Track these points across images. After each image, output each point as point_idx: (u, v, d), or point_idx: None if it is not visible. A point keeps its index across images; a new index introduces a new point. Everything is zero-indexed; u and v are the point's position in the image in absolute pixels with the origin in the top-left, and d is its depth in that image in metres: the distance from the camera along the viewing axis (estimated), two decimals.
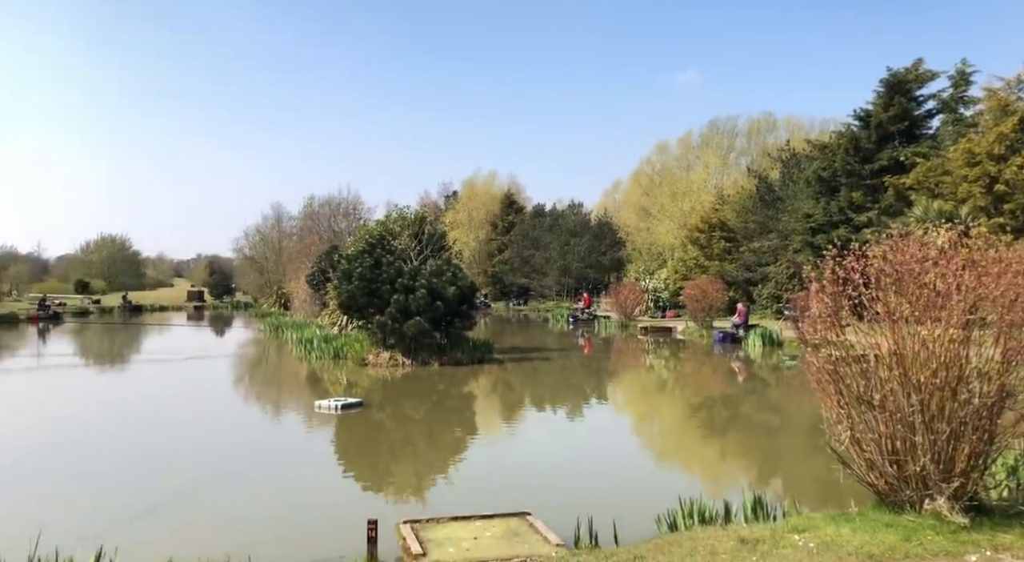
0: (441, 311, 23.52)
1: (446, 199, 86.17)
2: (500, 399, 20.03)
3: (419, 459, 12.80)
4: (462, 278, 25.54)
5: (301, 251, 50.54)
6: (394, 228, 26.95)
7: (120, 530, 7.80)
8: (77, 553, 6.49)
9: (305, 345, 28.74)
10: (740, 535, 6.34)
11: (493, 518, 7.25)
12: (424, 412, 17.40)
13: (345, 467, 12.11)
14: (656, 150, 65.81)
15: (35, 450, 12.63)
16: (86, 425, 15.31)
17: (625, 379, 25.07)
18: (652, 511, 7.91)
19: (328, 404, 15.91)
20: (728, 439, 14.69)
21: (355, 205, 60.89)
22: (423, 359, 23.49)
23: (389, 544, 6.84)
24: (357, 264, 24.53)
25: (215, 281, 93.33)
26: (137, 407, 17.99)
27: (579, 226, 67.99)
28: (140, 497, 9.43)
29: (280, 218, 70.22)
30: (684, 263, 49.57)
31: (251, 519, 8.76)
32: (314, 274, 39.44)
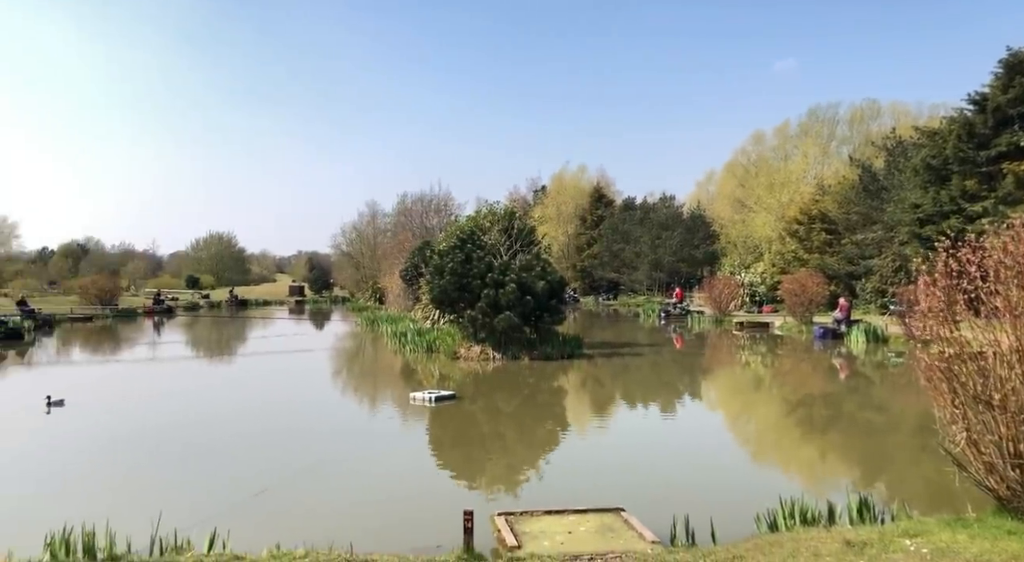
0: (530, 306, 23.61)
1: (535, 194, 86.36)
2: (590, 394, 19.95)
3: (510, 452, 12.90)
4: (551, 273, 25.55)
5: (395, 247, 51.76)
6: (484, 223, 27.21)
7: (230, 514, 8.20)
8: (193, 535, 6.87)
9: (399, 338, 29.43)
10: (845, 537, 6.08)
11: (587, 513, 7.23)
12: (515, 406, 17.52)
13: (438, 458, 12.33)
14: (751, 140, 63.79)
15: (152, 437, 13.45)
16: (197, 413, 16.18)
17: (719, 376, 24.50)
18: (749, 510, 7.70)
19: (422, 396, 16.25)
20: (829, 438, 14.13)
21: (446, 201, 61.92)
22: (513, 353, 23.65)
23: (483, 535, 6.92)
24: (448, 259, 24.91)
25: (314, 276, 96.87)
26: (243, 397, 18.89)
27: (671, 219, 66.79)
28: (247, 483, 9.88)
29: (375, 215, 72.26)
30: (782, 256, 47.92)
31: (350, 507, 9.04)
32: (407, 269, 40.30)
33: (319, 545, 6.46)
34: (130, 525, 6.98)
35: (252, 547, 6.48)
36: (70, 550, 6.48)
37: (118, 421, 14.91)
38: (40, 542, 6.58)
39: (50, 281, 70.95)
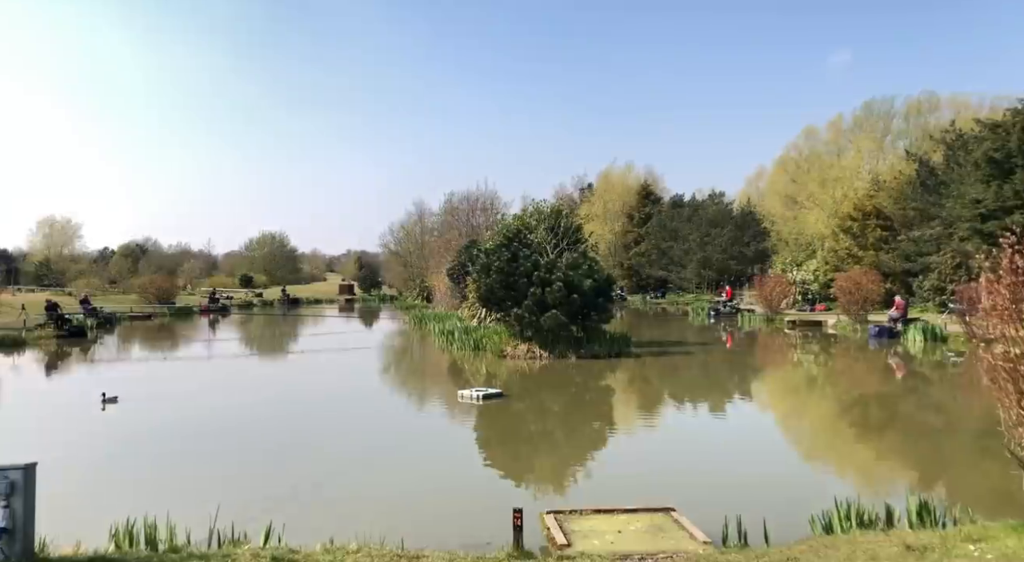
0: (577, 304, 23.52)
1: (581, 191, 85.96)
2: (638, 393, 19.79)
3: (558, 450, 12.89)
4: (598, 271, 25.42)
5: (442, 246, 52.12)
6: (530, 222, 27.21)
7: (284, 508, 8.38)
8: (249, 528, 7.04)
9: (447, 336, 29.63)
10: (905, 541, 5.91)
11: (637, 512, 7.18)
12: (562, 404, 17.49)
13: (486, 455, 12.38)
14: (803, 135, 62.36)
15: (208, 432, 13.81)
16: (251, 409, 16.55)
17: (771, 375, 24.07)
18: (803, 511, 7.55)
19: (470, 394, 16.34)
20: (885, 439, 13.76)
21: (492, 200, 62.01)
22: (560, 352, 23.59)
23: (533, 533, 6.93)
24: (495, 258, 24.97)
25: (364, 275, 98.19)
26: (295, 394, 19.25)
27: (720, 216, 65.81)
28: (300, 478, 10.08)
29: (422, 214, 72.81)
30: (835, 253, 46.81)
31: (400, 502, 9.15)
32: (454, 268, 40.53)
33: (371, 539, 6.56)
34: (189, 518, 7.18)
35: (306, 540, 6.61)
36: (133, 541, 6.70)
37: (173, 416, 15.34)
38: (105, 533, 6.81)
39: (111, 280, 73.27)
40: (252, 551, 6.02)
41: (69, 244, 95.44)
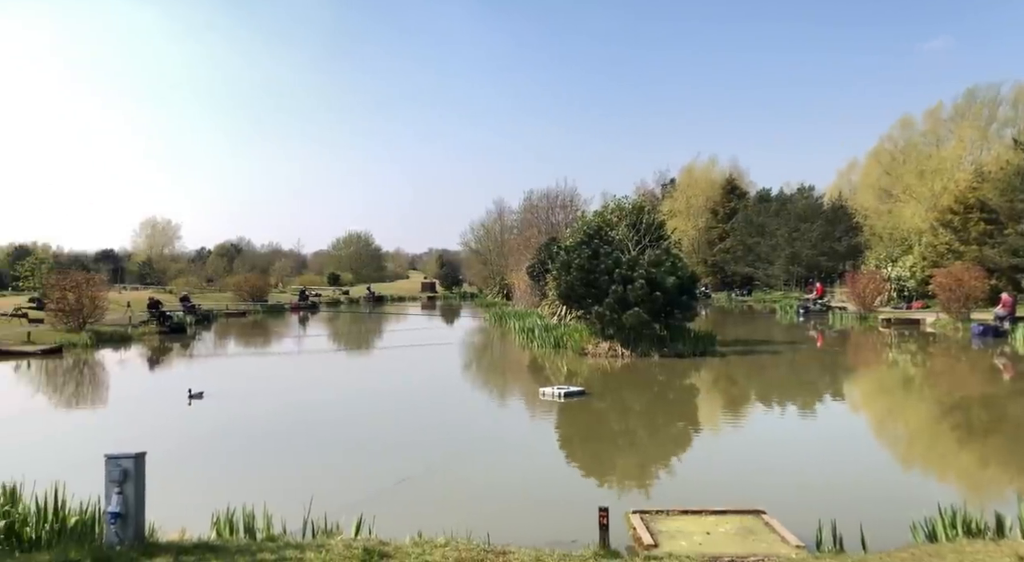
0: (660, 302, 23.19)
1: (663, 187, 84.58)
2: (723, 393, 19.37)
3: (641, 450, 12.76)
4: (681, 268, 24.99)
5: (521, 243, 52.27)
6: (611, 218, 27.02)
7: (373, 501, 8.59)
8: (341, 520, 7.26)
9: (527, 334, 29.73)
10: (1018, 553, 5.58)
11: (726, 514, 7.04)
12: (645, 403, 17.29)
13: (568, 454, 12.37)
14: (899, 125, 59.52)
15: (299, 426, 14.31)
16: (340, 404, 17.06)
17: (865, 375, 23.12)
18: (902, 517, 7.22)
19: (552, 392, 16.35)
20: (991, 444, 13.01)
21: (572, 197, 61.75)
22: (642, 350, 23.32)
23: (617, 532, 6.88)
24: (575, 255, 24.88)
25: (445, 273, 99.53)
26: (380, 390, 19.72)
27: (809, 211, 63.60)
28: (389, 472, 10.31)
29: (502, 212, 73.24)
30: (934, 249, 44.53)
31: (484, 498, 9.24)
32: (534, 266, 40.61)
33: (457, 534, 6.65)
34: (283, 508, 7.45)
35: (394, 533, 6.76)
36: (233, 529, 7.00)
37: (266, 410, 15.96)
38: (202, 520, 7.15)
39: (208, 279, 76.75)
40: (344, 542, 6.20)
41: (169, 244, 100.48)
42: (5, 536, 6.39)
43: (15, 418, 15.86)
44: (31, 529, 6.54)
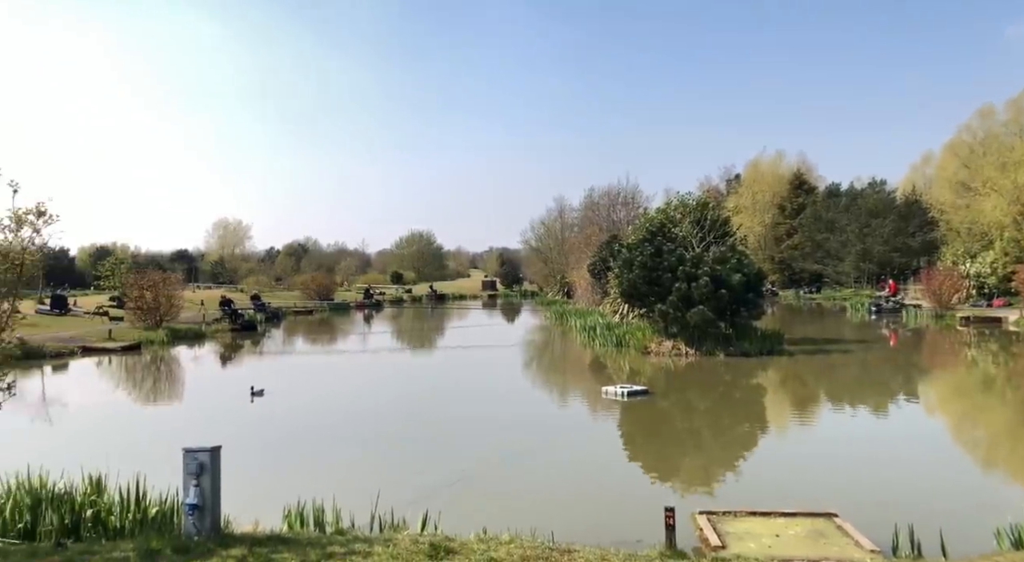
0: (725, 299, 22.78)
1: (728, 183, 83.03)
2: (791, 393, 18.90)
3: (706, 450, 12.56)
4: (747, 265, 24.49)
5: (582, 241, 52.07)
6: (675, 215, 26.69)
7: (437, 497, 8.70)
8: (407, 515, 7.38)
9: (588, 332, 29.59)
10: None
11: (796, 516, 6.87)
12: (710, 403, 17.02)
13: (632, 453, 12.27)
14: (979, 115, 56.86)
15: (366, 422, 14.58)
16: (404, 401, 17.31)
17: (941, 375, 22.23)
18: (985, 523, 6.93)
19: (614, 390, 16.24)
20: None
21: (634, 194, 61.24)
22: (707, 349, 22.95)
23: (683, 533, 6.79)
24: (637, 253, 24.65)
25: (505, 271, 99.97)
26: (442, 386, 19.93)
27: (881, 205, 61.50)
28: (452, 468, 10.42)
29: (562, 210, 73.16)
30: (1017, 243, 42.53)
31: (547, 495, 9.25)
32: (595, 263, 40.40)
33: (522, 531, 6.67)
34: (351, 502, 7.60)
35: (458, 529, 6.82)
36: (303, 522, 7.19)
37: (331, 407, 16.32)
38: (278, 514, 7.35)
39: (277, 278, 78.94)
40: (411, 537, 6.29)
41: (240, 244, 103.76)
42: (92, 524, 6.71)
43: (98, 411, 16.62)
44: (115, 518, 6.84)
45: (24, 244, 6.34)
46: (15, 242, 6.29)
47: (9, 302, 6.35)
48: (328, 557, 5.59)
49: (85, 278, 74.83)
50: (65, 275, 71.96)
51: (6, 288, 6.33)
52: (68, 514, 6.70)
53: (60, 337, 27.13)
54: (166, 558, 5.53)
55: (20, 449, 8.28)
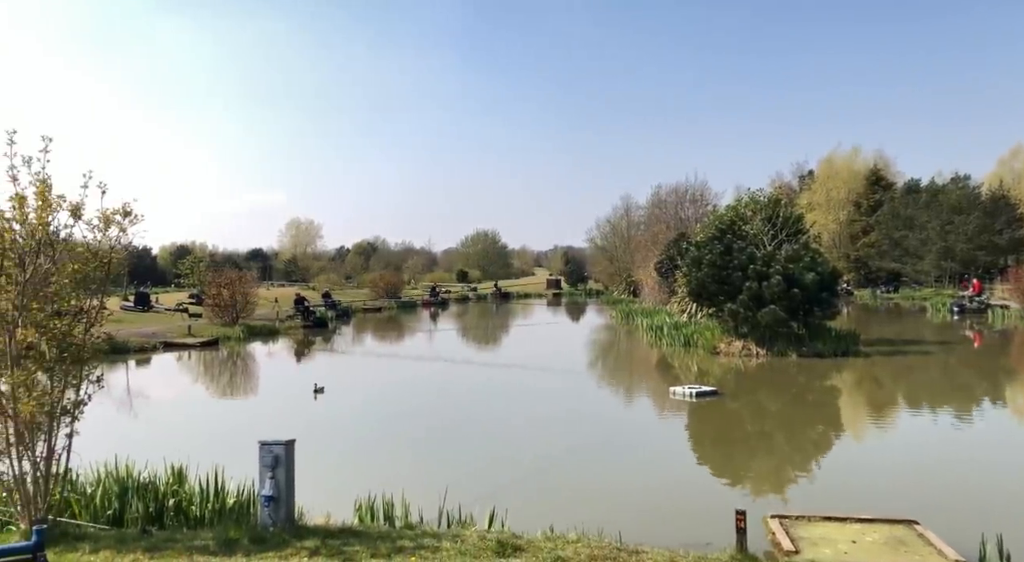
0: (798, 299, 22.17)
1: (801, 179, 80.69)
2: (867, 395, 18.27)
3: (778, 452, 12.27)
4: (821, 263, 23.79)
5: (649, 239, 51.45)
6: (745, 213, 26.11)
7: (504, 494, 8.73)
8: (475, 511, 7.44)
9: (655, 332, 29.24)
10: None
11: (874, 522, 6.64)
12: (782, 404, 16.61)
13: (701, 454, 12.08)
14: None
15: (433, 418, 14.77)
16: (471, 398, 17.46)
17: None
18: None
19: (683, 391, 16.01)
20: None
21: (702, 191, 60.17)
22: (779, 349, 22.38)
23: (754, 537, 6.64)
24: (706, 251, 24.23)
25: (570, 270, 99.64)
26: (507, 384, 20.00)
27: (965, 202, 58.75)
28: (518, 466, 10.47)
29: (628, 208, 72.46)
30: None
31: (613, 495, 9.18)
32: (662, 262, 39.88)
33: (589, 531, 6.64)
34: (419, 498, 7.71)
35: (524, 526, 6.84)
36: (374, 516, 7.34)
37: (400, 403, 16.57)
38: (347, 506, 7.51)
39: (347, 276, 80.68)
40: (479, 533, 6.34)
41: (312, 243, 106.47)
42: (174, 513, 7.00)
43: (178, 404, 17.32)
44: (196, 508, 7.12)
45: (111, 243, 6.61)
46: (103, 241, 6.57)
47: (98, 299, 6.65)
48: (398, 551, 5.68)
49: (166, 276, 78.04)
50: (148, 273, 75.19)
51: (95, 285, 6.62)
52: (152, 502, 7.01)
53: (143, 333, 28.34)
54: (243, 548, 5.72)
55: (107, 439, 8.70)
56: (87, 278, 6.51)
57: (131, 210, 6.61)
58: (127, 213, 6.59)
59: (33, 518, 5.98)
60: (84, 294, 6.56)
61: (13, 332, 6.05)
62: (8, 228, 6.15)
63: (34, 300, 6.18)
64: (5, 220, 6.15)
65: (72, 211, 6.40)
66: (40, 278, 6.24)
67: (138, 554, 5.55)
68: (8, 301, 6.03)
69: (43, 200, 6.25)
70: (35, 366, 6.17)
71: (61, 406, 6.27)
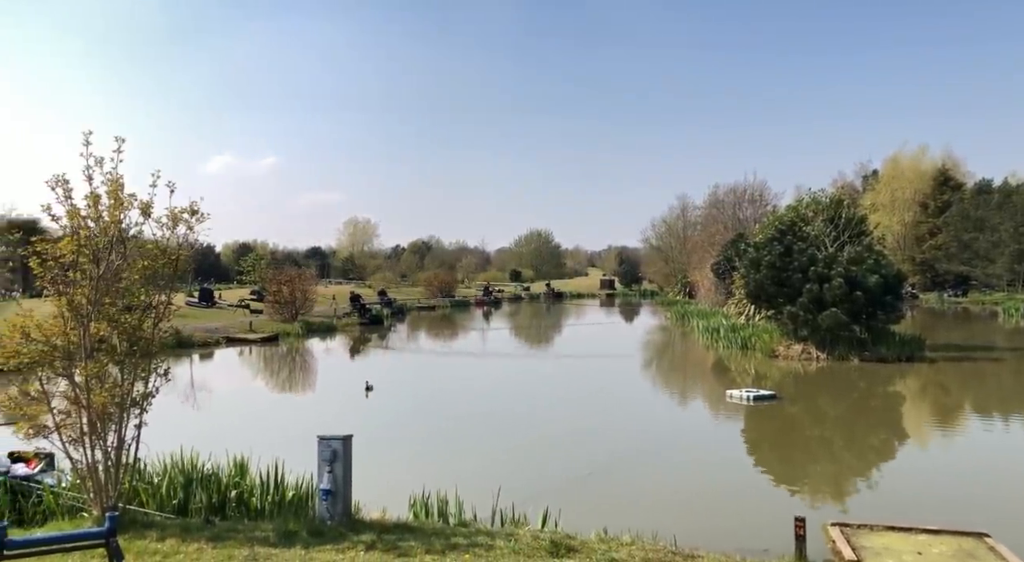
0: (861, 302, 21.56)
1: (864, 179, 78.44)
2: (932, 402, 17.66)
3: (838, 459, 11.96)
4: (885, 266, 23.08)
5: (705, 240, 50.72)
6: (806, 213, 25.52)
7: (557, 494, 8.71)
8: (528, 511, 7.45)
9: (711, 334, 28.81)
10: None
11: (941, 533, 6.41)
12: (842, 410, 16.16)
13: (757, 459, 11.86)
14: None
15: (486, 418, 14.83)
16: (523, 398, 17.47)
17: None
18: None
19: (739, 394, 15.74)
20: None
21: (761, 192, 58.98)
22: (840, 353, 21.80)
23: (814, 545, 6.49)
24: (765, 252, 23.75)
25: (624, 270, 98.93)
26: (563, 385, 19.95)
27: None
28: (571, 467, 10.44)
29: (685, 208, 71.57)
30: None
31: (668, 498, 9.08)
32: (719, 263, 39.27)
33: (643, 533, 6.58)
34: (472, 496, 7.74)
35: (577, 527, 6.80)
36: (428, 513, 7.41)
37: (453, 401, 16.69)
38: (401, 503, 7.59)
39: (402, 274, 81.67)
40: (532, 533, 6.34)
41: (368, 242, 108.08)
42: (236, 504, 7.19)
43: (240, 397, 17.80)
44: (257, 499, 7.30)
45: (179, 240, 6.82)
46: (171, 238, 6.79)
47: (166, 295, 6.86)
48: (452, 548, 5.72)
49: (229, 273, 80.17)
50: (211, 270, 77.38)
51: (163, 282, 6.84)
52: (215, 493, 7.21)
53: (207, 328, 29.21)
54: (302, 540, 5.83)
55: (173, 431, 8.97)
56: (156, 274, 6.73)
57: (197, 209, 6.80)
58: (194, 211, 6.79)
59: (104, 505, 6.21)
60: (153, 290, 6.77)
61: (87, 326, 6.29)
62: (83, 226, 6.39)
63: (106, 295, 6.41)
64: (81, 218, 6.39)
65: (142, 209, 6.61)
66: (112, 274, 6.47)
67: (202, 543, 5.72)
68: (83, 296, 6.27)
69: (115, 199, 6.47)
70: (107, 359, 6.40)
71: (131, 398, 6.49)
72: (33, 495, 6.90)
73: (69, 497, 6.81)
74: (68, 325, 6.29)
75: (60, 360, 6.26)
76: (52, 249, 6.19)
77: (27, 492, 6.94)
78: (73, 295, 6.25)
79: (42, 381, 6.31)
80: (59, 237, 6.49)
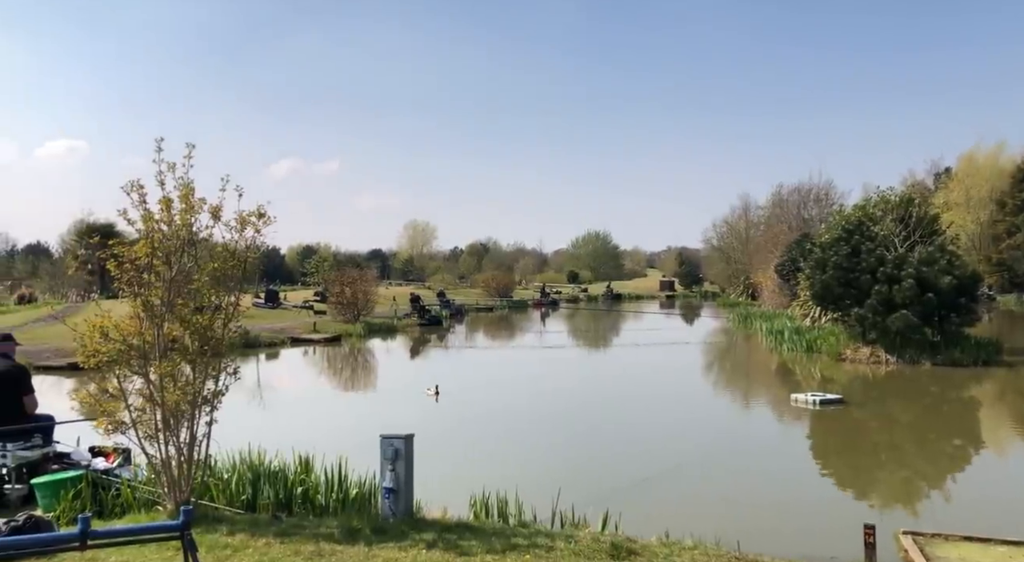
0: (933, 304, 20.79)
1: (936, 177, 75.60)
2: (1012, 408, 16.91)
3: (908, 466, 11.56)
4: (959, 266, 22.21)
5: (769, 240, 49.72)
6: (874, 213, 24.74)
7: (618, 497, 8.66)
8: (588, 513, 7.42)
9: (775, 336, 28.20)
10: None
11: (1022, 545, 6.14)
12: (913, 415, 15.62)
13: (824, 464, 11.56)
14: None
15: (546, 420, 14.84)
16: (584, 400, 17.41)
17: None
18: None
19: (805, 398, 15.36)
20: None
21: (827, 190, 57.55)
22: (910, 357, 21.08)
23: (884, 553, 6.29)
24: (832, 252, 23.14)
25: (684, 271, 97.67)
26: (622, 387, 19.81)
27: None
28: (632, 470, 10.35)
29: (747, 208, 70.28)
30: None
31: (731, 503, 8.92)
32: (783, 264, 38.46)
33: (705, 538, 6.49)
34: (533, 497, 7.75)
35: (638, 530, 6.74)
36: (488, 512, 7.45)
37: (512, 404, 16.73)
38: (462, 502, 7.66)
39: (460, 276, 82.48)
40: (592, 535, 6.32)
41: (428, 244, 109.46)
42: (301, 501, 7.37)
43: (304, 396, 18.22)
44: (321, 496, 7.47)
45: (247, 243, 7.02)
46: (239, 241, 6.99)
47: (235, 296, 7.06)
48: (512, 548, 5.74)
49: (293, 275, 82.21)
50: (276, 272, 79.53)
51: (232, 283, 7.04)
52: (282, 490, 7.39)
53: (272, 328, 29.99)
54: (365, 537, 5.94)
55: (241, 428, 9.26)
56: (225, 276, 6.94)
57: (265, 212, 6.99)
58: (261, 215, 6.98)
59: (178, 499, 6.45)
60: (222, 291, 6.99)
61: (161, 326, 6.54)
62: (157, 229, 6.64)
63: (178, 296, 6.65)
64: (154, 222, 6.64)
65: (212, 213, 6.83)
66: (184, 276, 6.71)
67: (270, 538, 5.87)
68: (156, 297, 6.53)
69: (186, 203, 6.70)
70: (179, 358, 6.63)
71: (202, 396, 6.72)
72: (112, 488, 7.20)
73: (145, 491, 7.08)
74: (143, 325, 6.54)
75: (136, 359, 6.51)
76: (128, 252, 6.44)
77: (106, 485, 7.24)
78: (148, 296, 6.50)
79: (119, 379, 6.56)
80: (134, 240, 6.76)
